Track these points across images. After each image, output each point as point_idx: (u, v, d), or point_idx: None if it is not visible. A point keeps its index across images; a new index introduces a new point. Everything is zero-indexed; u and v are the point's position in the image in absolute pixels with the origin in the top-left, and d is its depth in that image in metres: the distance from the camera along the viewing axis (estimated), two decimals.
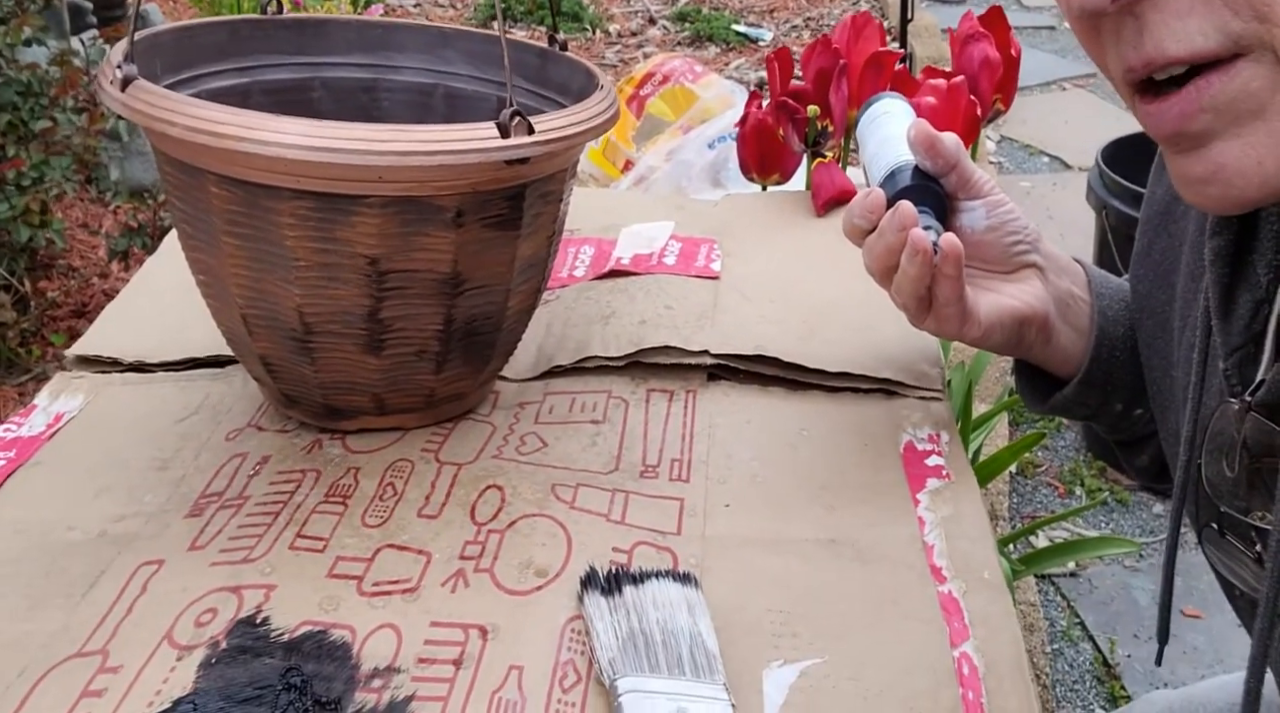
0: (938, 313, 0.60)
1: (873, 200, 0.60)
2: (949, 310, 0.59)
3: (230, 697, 0.48)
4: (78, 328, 1.80)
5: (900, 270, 0.58)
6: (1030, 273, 0.63)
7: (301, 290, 0.58)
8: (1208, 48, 0.40)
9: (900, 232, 0.58)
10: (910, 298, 0.59)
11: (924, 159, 0.62)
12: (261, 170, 0.54)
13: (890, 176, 0.63)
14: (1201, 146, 0.42)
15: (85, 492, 0.63)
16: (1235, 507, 0.49)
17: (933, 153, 0.61)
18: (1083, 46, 0.46)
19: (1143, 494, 1.77)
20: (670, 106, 1.94)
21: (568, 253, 0.87)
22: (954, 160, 0.61)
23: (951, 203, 0.63)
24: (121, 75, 0.55)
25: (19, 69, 1.59)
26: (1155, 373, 0.60)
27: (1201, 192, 0.43)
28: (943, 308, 0.59)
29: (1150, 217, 0.62)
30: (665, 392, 0.72)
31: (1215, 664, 1.46)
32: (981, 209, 0.62)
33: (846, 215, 0.62)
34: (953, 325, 0.60)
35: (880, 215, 0.60)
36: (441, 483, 0.63)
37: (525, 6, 3.53)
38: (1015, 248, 0.63)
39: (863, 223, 0.61)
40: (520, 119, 0.54)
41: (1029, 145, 2.97)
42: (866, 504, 0.62)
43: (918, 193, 0.61)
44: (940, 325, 0.61)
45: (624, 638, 0.50)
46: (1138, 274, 0.63)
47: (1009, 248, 0.63)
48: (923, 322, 0.61)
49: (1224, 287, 0.49)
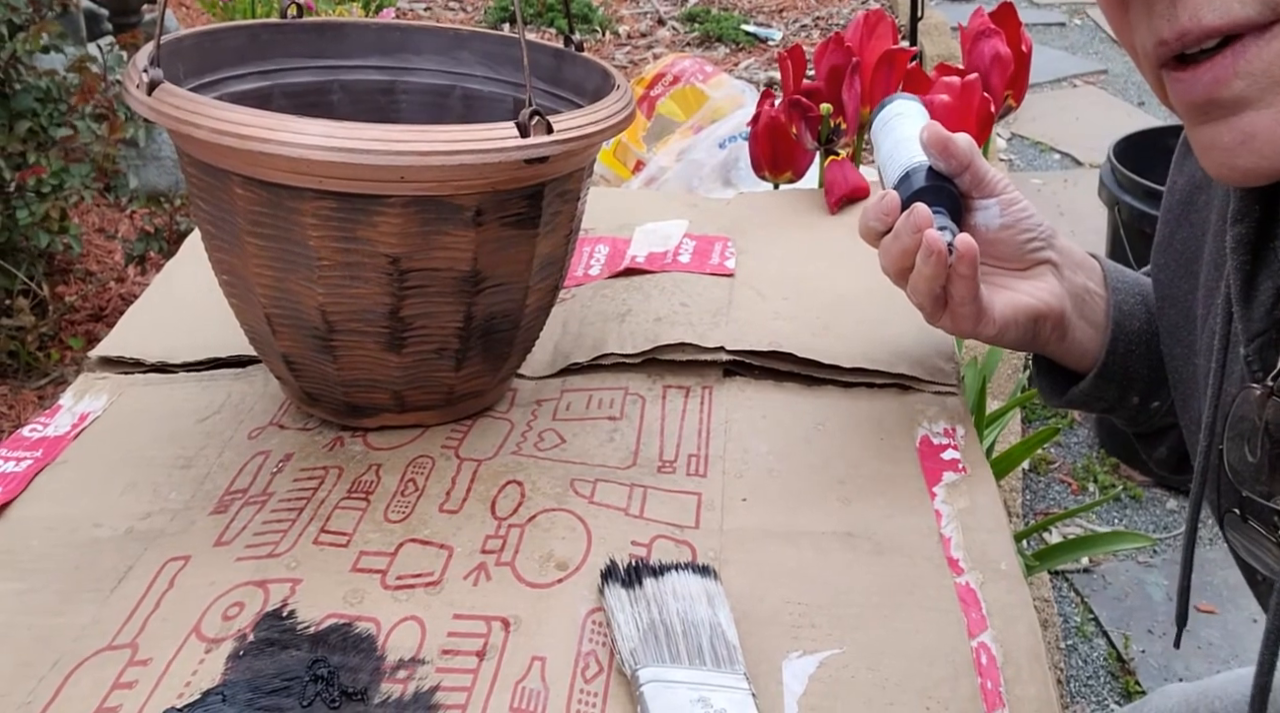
0: (953, 312, 0.61)
1: (887, 203, 0.61)
2: (964, 309, 0.60)
3: (258, 688, 0.49)
4: (95, 332, 1.82)
5: (915, 271, 0.59)
6: (1045, 269, 0.64)
7: (324, 289, 0.59)
8: (1246, 15, 0.40)
9: (915, 233, 0.59)
10: (926, 297, 0.60)
11: (937, 160, 0.63)
12: (285, 171, 0.55)
13: (905, 178, 0.64)
14: (1233, 114, 0.41)
15: (111, 490, 0.64)
16: (1258, 492, 0.49)
17: (946, 154, 0.62)
18: (1109, 22, 0.46)
19: (1156, 490, 1.76)
20: (681, 107, 1.95)
21: (583, 252, 0.87)
22: (967, 161, 0.62)
23: (966, 202, 0.64)
24: (148, 79, 0.56)
25: (38, 75, 1.61)
26: (1177, 361, 0.61)
27: (1229, 161, 0.43)
28: (958, 307, 0.60)
29: (1171, 206, 0.62)
30: (681, 388, 0.72)
31: (1230, 660, 1.46)
32: (995, 207, 0.63)
33: (862, 218, 0.63)
34: (968, 324, 0.61)
35: (895, 217, 0.61)
36: (462, 479, 0.63)
37: (534, 9, 3.54)
38: (1030, 245, 0.63)
39: (878, 225, 0.62)
40: (539, 118, 0.55)
41: (1040, 142, 2.97)
42: (883, 497, 0.62)
43: (932, 193, 0.62)
44: (956, 324, 0.62)
45: (645, 629, 0.51)
46: (1159, 263, 0.63)
47: (1023, 245, 0.63)
48: (938, 320, 0.62)
49: (1245, 273, 0.49)
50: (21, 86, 1.60)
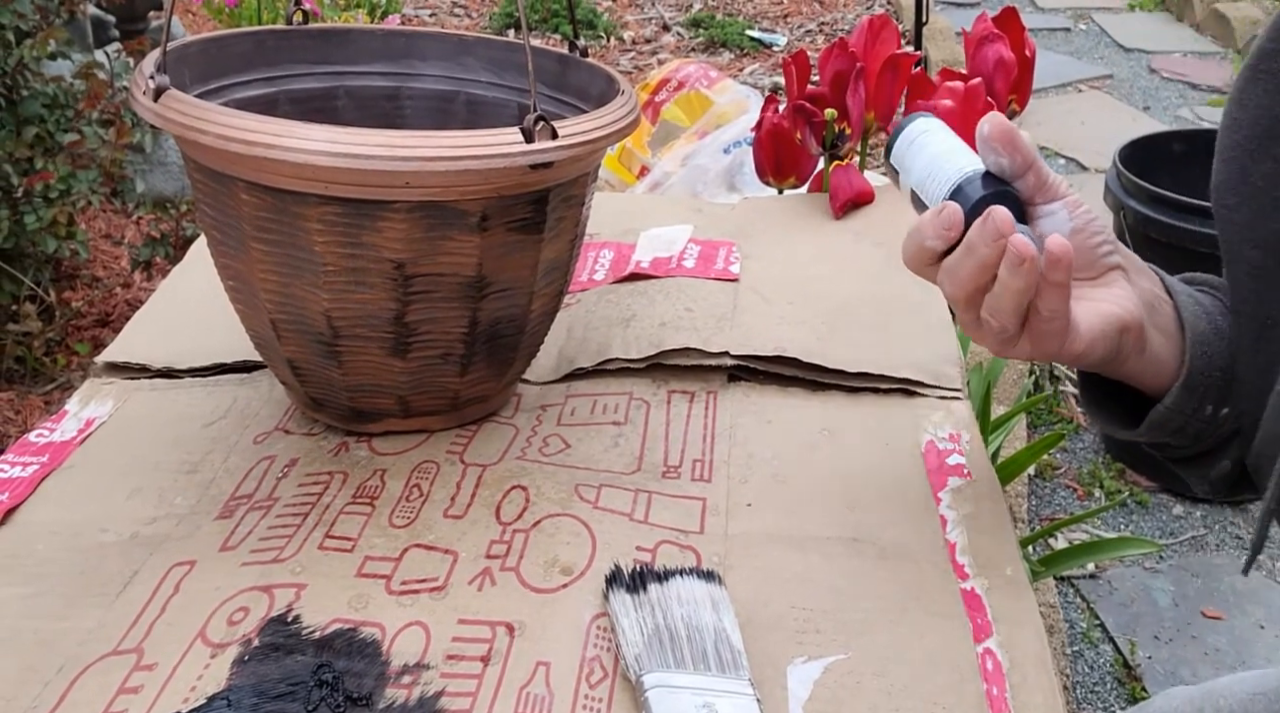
0: (1038, 330, 0.52)
1: (949, 216, 0.53)
2: (1053, 325, 0.52)
3: (264, 693, 0.49)
4: (101, 337, 1.82)
5: (999, 286, 0.51)
6: (1117, 275, 0.57)
7: (329, 295, 0.59)
8: None
9: (996, 241, 0.50)
10: (1012, 317, 0.52)
11: (1000, 158, 0.54)
12: (290, 177, 0.55)
13: (957, 190, 0.56)
14: None
15: (117, 495, 0.64)
16: None
17: (1011, 148, 0.54)
18: None
19: (1162, 495, 1.76)
20: (685, 112, 1.95)
21: (587, 257, 0.87)
22: (1031, 158, 0.55)
23: (1030, 209, 0.56)
24: (154, 86, 0.56)
25: (45, 82, 1.62)
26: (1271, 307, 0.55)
27: None
28: (1046, 323, 0.52)
29: (1240, 142, 0.56)
30: (686, 393, 0.72)
31: (1238, 666, 1.45)
32: (1063, 211, 0.55)
33: (912, 240, 0.54)
34: (1054, 342, 0.53)
35: (959, 232, 0.53)
36: (466, 484, 0.63)
37: (539, 15, 3.55)
38: (1100, 249, 0.56)
39: (938, 244, 0.53)
40: (544, 124, 0.55)
41: (1045, 147, 2.96)
42: (888, 503, 0.62)
43: (994, 202, 0.54)
44: (1038, 345, 0.53)
45: (649, 634, 0.51)
46: (1229, 204, 0.57)
47: (1094, 250, 0.56)
48: (1015, 345, 0.54)
49: None
50: (29, 93, 1.61)
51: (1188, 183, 1.66)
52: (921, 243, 0.54)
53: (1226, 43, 3.55)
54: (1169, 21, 3.89)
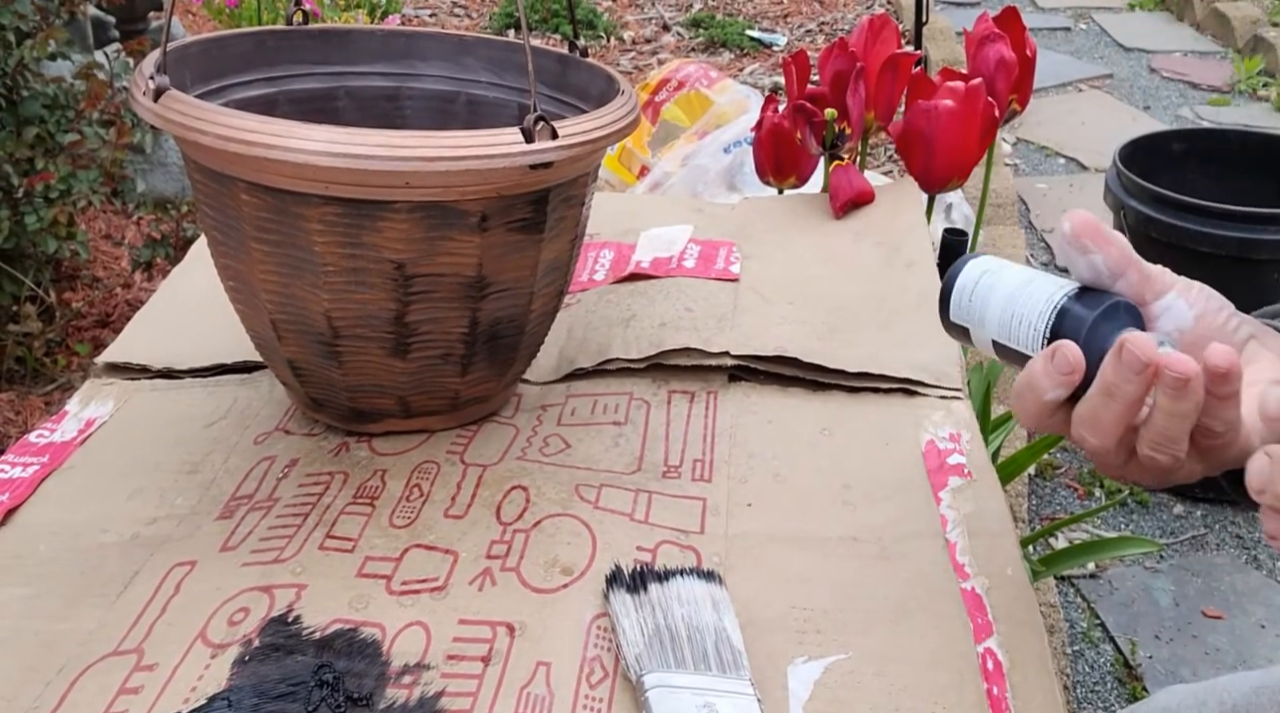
0: (1208, 446, 0.45)
1: (1064, 358, 0.44)
2: (1226, 438, 0.44)
3: (264, 693, 0.49)
4: (102, 338, 1.82)
5: (1162, 417, 0.43)
6: (1254, 347, 0.48)
7: (329, 295, 0.59)
8: None
9: (1141, 373, 0.43)
10: (1184, 445, 0.44)
11: (1092, 256, 0.46)
12: (290, 177, 0.55)
13: (1059, 323, 0.46)
14: None
15: (117, 495, 0.64)
16: None
17: (1103, 240, 0.46)
18: None
19: (1162, 495, 1.76)
20: (685, 112, 1.95)
21: (588, 257, 0.87)
22: (1128, 248, 0.47)
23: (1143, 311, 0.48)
24: (154, 86, 0.56)
25: (45, 82, 1.62)
26: None
27: None
28: (1219, 438, 0.44)
29: None
30: (686, 393, 0.72)
31: (1238, 665, 1.45)
32: (1179, 302, 0.47)
33: (1026, 396, 0.46)
34: (1230, 451, 0.45)
35: (1081, 374, 0.45)
36: (467, 484, 0.63)
37: (539, 15, 3.55)
38: (1229, 325, 0.48)
39: (1061, 392, 0.45)
40: (544, 124, 0.55)
41: (1045, 147, 2.96)
42: (888, 502, 0.62)
43: (1108, 319, 0.45)
44: (1211, 460, 0.46)
45: (650, 634, 0.51)
46: None
47: (1223, 328, 0.48)
48: (1181, 470, 0.46)
49: None
50: (29, 93, 1.61)
51: (1188, 182, 1.66)
52: (1041, 399, 0.45)
53: (1226, 42, 3.55)
54: (1169, 21, 3.89)
